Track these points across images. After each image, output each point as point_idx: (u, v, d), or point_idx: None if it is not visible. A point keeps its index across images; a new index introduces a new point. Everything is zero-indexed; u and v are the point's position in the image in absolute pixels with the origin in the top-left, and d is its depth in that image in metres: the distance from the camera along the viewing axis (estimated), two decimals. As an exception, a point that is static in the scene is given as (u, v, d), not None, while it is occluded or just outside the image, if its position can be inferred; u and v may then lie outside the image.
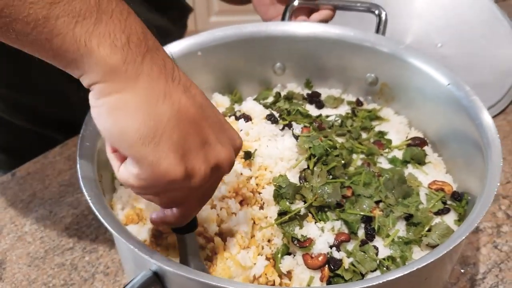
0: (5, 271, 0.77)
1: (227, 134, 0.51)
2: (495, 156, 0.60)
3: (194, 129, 0.47)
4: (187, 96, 0.47)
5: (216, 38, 0.79)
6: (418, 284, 0.56)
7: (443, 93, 0.72)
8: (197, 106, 0.48)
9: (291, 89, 0.86)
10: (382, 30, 0.82)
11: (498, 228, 0.82)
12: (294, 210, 0.63)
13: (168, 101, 0.46)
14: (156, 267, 0.52)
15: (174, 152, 0.46)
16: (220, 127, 0.50)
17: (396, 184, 0.67)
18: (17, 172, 0.92)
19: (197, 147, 0.48)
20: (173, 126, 0.46)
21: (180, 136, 0.46)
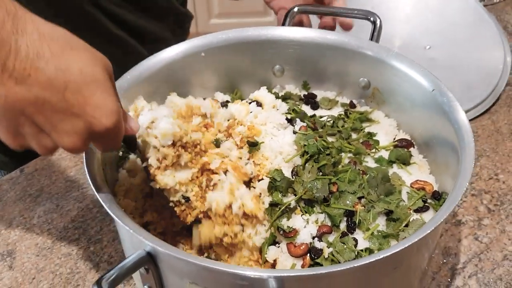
0: (15, 260, 0.82)
1: (74, 122, 0.52)
2: (468, 158, 0.64)
3: (23, 119, 0.51)
4: (19, 88, 0.49)
5: (219, 40, 0.85)
6: (387, 272, 0.60)
7: (428, 98, 0.76)
8: (29, 101, 0.49)
9: (289, 90, 0.91)
10: (376, 36, 0.86)
11: (480, 221, 0.86)
12: (286, 203, 0.68)
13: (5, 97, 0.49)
14: (149, 247, 0.57)
15: (7, 133, 0.53)
16: (63, 115, 0.51)
17: (379, 182, 0.72)
18: (25, 168, 0.98)
19: (29, 133, 0.53)
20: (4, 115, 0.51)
21: (9, 123, 0.51)
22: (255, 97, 0.83)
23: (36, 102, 0.50)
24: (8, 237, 0.86)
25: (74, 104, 0.51)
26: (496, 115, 1.06)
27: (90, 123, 0.53)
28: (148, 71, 0.79)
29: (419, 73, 0.78)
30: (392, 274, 0.61)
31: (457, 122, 0.70)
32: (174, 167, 0.65)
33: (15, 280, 0.79)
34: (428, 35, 1.12)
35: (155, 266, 0.59)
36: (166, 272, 0.60)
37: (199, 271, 0.56)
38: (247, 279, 0.54)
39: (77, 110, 0.52)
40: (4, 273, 0.80)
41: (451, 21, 1.14)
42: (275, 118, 0.77)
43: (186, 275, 0.58)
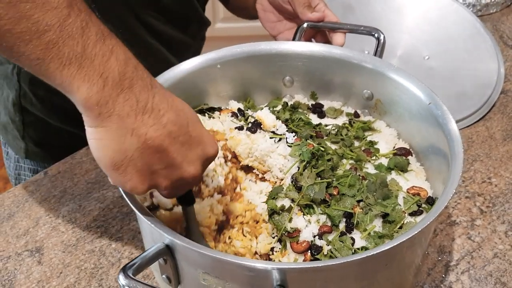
0: (43, 256, 0.88)
1: (197, 150, 0.61)
2: (457, 167, 0.70)
3: (159, 155, 0.58)
4: (156, 127, 0.56)
5: (234, 53, 0.91)
6: (380, 268, 0.66)
7: (425, 110, 0.82)
8: (165, 135, 0.57)
9: (298, 99, 0.97)
10: (380, 51, 0.92)
11: (473, 221, 0.93)
12: (280, 207, 0.75)
13: (134, 136, 0.55)
14: (168, 240, 0.63)
15: (138, 176, 0.58)
16: (189, 146, 0.60)
17: (378, 187, 0.77)
18: (49, 171, 1.04)
19: (161, 169, 0.59)
20: (137, 156, 0.56)
21: (144, 163, 0.57)
22: (258, 116, 0.88)
23: (170, 136, 0.58)
24: (36, 234, 0.92)
25: (194, 136, 0.61)
26: (490, 122, 1.13)
27: (205, 151, 0.62)
28: (169, 81, 0.86)
29: (417, 87, 0.84)
30: (385, 270, 0.67)
31: (449, 134, 0.76)
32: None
33: (44, 274, 0.85)
34: (427, 46, 1.18)
35: (172, 257, 0.65)
36: (182, 263, 0.66)
37: (211, 262, 0.63)
38: (253, 270, 0.60)
39: (197, 140, 0.61)
40: (34, 268, 0.86)
41: (449, 33, 1.20)
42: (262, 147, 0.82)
43: (199, 266, 0.64)
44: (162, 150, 0.58)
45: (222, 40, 0.96)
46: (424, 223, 0.63)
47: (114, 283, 0.84)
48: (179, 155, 0.59)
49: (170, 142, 0.58)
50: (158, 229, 0.62)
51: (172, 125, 0.57)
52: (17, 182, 1.24)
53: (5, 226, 0.94)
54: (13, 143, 1.18)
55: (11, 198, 0.99)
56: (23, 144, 1.16)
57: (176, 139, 0.58)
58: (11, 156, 1.22)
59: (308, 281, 0.63)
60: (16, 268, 0.87)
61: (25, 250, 0.89)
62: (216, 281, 0.64)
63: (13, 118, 1.13)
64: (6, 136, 1.19)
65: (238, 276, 0.63)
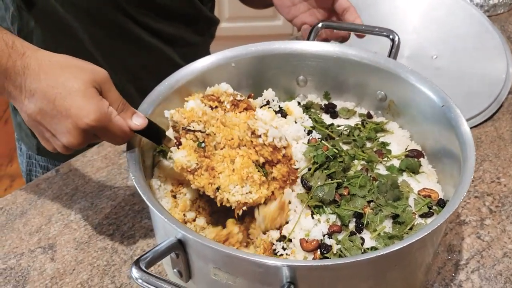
0: (56, 253, 0.89)
1: (66, 123, 0.68)
2: (469, 170, 0.71)
3: (40, 128, 0.70)
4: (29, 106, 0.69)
5: (248, 52, 0.92)
6: (388, 268, 0.67)
7: (438, 113, 0.82)
8: (37, 112, 0.68)
9: (311, 99, 0.97)
10: (395, 53, 0.93)
11: (482, 221, 0.93)
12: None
13: (22, 113, 0.71)
14: (181, 235, 0.65)
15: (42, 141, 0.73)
16: (58, 120, 0.68)
17: (389, 188, 0.78)
18: (60, 169, 1.05)
19: (49, 137, 0.71)
20: (32, 127, 0.72)
21: (37, 133, 0.72)
22: (286, 106, 0.90)
23: (40, 112, 0.69)
24: (48, 232, 0.93)
25: (62, 110, 0.68)
26: (498, 122, 1.13)
27: (75, 122, 0.68)
28: (184, 78, 0.87)
29: (431, 89, 0.84)
30: (394, 270, 0.67)
31: (462, 136, 0.76)
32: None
33: (57, 271, 0.86)
34: (435, 46, 1.19)
35: (184, 252, 0.67)
36: (193, 257, 0.67)
37: (222, 258, 0.64)
38: (263, 266, 0.61)
39: (65, 114, 0.68)
40: (47, 265, 0.87)
41: (456, 33, 1.21)
42: (293, 130, 0.84)
43: (211, 261, 0.65)
44: (39, 124, 0.70)
45: (227, 40, 0.96)
46: (434, 225, 0.64)
47: (126, 280, 0.84)
48: (52, 128, 0.70)
49: (42, 117, 0.69)
50: (171, 223, 0.64)
51: (40, 102, 0.68)
52: (28, 178, 1.27)
53: (18, 223, 0.94)
54: (26, 140, 1.22)
55: (23, 195, 1.00)
56: (35, 141, 1.19)
57: (46, 114, 0.68)
58: (23, 152, 1.26)
59: (317, 278, 0.63)
60: (30, 264, 0.87)
61: (38, 247, 0.90)
62: (226, 276, 0.65)
63: None
64: (20, 133, 1.24)
65: (249, 272, 0.64)
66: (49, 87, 0.68)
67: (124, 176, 1.03)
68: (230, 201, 0.72)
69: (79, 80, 0.68)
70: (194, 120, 0.75)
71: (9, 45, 0.69)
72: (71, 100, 0.67)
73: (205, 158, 0.73)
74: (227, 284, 0.65)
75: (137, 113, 0.74)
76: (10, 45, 0.69)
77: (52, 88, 0.68)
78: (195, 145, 0.73)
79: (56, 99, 0.67)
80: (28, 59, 0.69)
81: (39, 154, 1.22)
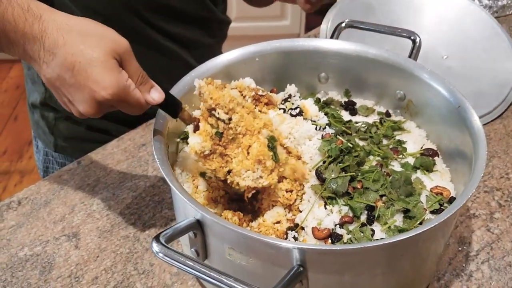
0: (79, 241, 0.92)
1: (83, 93, 0.68)
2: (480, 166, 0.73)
3: (58, 92, 0.71)
4: (48, 71, 0.68)
5: (272, 47, 0.95)
6: (394, 257, 0.69)
7: (454, 114, 0.84)
8: (55, 77, 0.68)
9: (331, 96, 1.00)
10: (415, 54, 0.95)
11: (491, 214, 0.96)
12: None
13: (42, 77, 0.70)
14: (200, 215, 0.68)
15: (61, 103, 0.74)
16: (76, 88, 0.68)
17: (402, 184, 0.80)
18: (82, 161, 1.07)
19: (66, 102, 0.72)
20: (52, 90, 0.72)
21: (57, 96, 0.73)
22: (302, 104, 0.92)
23: (59, 78, 0.68)
24: (72, 221, 0.96)
25: (80, 79, 0.67)
26: (507, 120, 1.16)
27: (92, 94, 0.68)
28: (210, 70, 0.91)
29: (448, 90, 0.86)
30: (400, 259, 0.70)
31: (475, 135, 0.79)
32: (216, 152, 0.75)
33: (82, 258, 0.89)
34: (445, 46, 1.21)
35: (202, 232, 0.70)
36: (210, 237, 0.71)
37: (237, 238, 0.67)
38: (276, 248, 0.64)
39: (83, 84, 0.68)
40: (72, 252, 0.90)
41: (466, 34, 1.23)
42: (304, 130, 0.86)
43: (226, 241, 0.68)
44: (57, 89, 0.70)
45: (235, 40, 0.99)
46: (441, 218, 0.66)
47: (148, 267, 0.88)
48: (69, 95, 0.70)
49: (60, 83, 0.69)
50: (191, 204, 0.67)
51: (59, 69, 0.67)
52: (45, 174, 1.30)
53: (42, 212, 0.97)
54: (44, 138, 1.25)
55: (47, 186, 1.03)
56: (52, 138, 1.23)
57: (64, 81, 0.68)
58: (40, 149, 1.28)
59: (326, 263, 0.66)
60: (55, 251, 0.90)
61: (62, 235, 0.94)
62: (240, 256, 0.68)
63: (43, 115, 1.22)
64: (37, 131, 1.26)
65: (261, 253, 0.67)
66: (68, 54, 0.66)
67: (143, 169, 1.06)
68: (240, 185, 0.74)
69: (99, 50, 0.67)
70: (219, 104, 0.75)
71: (25, 9, 0.67)
72: (90, 70, 0.67)
73: (219, 146, 0.74)
74: (241, 264, 0.68)
75: (155, 87, 0.74)
76: (26, 8, 0.67)
77: (71, 55, 0.66)
78: (213, 132, 0.74)
79: (75, 68, 0.67)
80: (45, 23, 0.67)
81: (56, 151, 1.24)
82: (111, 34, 0.70)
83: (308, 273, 0.65)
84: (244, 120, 0.75)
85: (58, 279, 0.86)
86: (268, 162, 0.75)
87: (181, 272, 0.87)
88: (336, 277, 0.68)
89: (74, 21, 0.69)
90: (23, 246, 0.91)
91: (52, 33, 0.67)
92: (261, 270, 0.68)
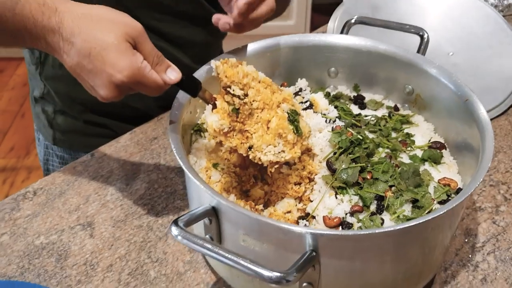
0: (94, 230, 0.93)
1: (101, 77, 0.71)
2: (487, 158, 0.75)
3: (80, 78, 0.74)
4: (69, 59, 0.72)
5: (284, 42, 0.97)
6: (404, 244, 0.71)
7: (462, 107, 0.86)
8: (75, 64, 0.72)
9: (340, 90, 1.02)
10: (423, 49, 0.97)
11: (497, 208, 0.98)
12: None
13: (64, 65, 0.73)
14: (215, 202, 0.70)
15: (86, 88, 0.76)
16: (95, 74, 0.71)
17: (410, 175, 0.82)
18: (95, 153, 1.09)
19: (89, 87, 0.75)
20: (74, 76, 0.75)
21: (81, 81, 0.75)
22: (312, 98, 0.95)
23: (79, 65, 0.72)
24: (86, 210, 0.97)
25: (98, 64, 0.70)
26: (512, 116, 1.19)
27: (110, 78, 0.71)
28: None
29: (455, 84, 0.88)
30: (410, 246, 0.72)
31: (482, 126, 0.80)
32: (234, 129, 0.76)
33: (96, 246, 0.91)
34: (451, 43, 1.23)
35: (217, 218, 0.72)
36: (225, 224, 0.72)
37: (252, 224, 0.69)
38: (289, 233, 0.66)
39: (100, 69, 0.70)
40: (87, 240, 0.92)
41: (472, 31, 1.25)
42: (314, 122, 0.89)
43: (241, 227, 0.70)
44: (79, 76, 0.73)
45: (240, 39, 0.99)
46: (450, 206, 0.68)
47: (162, 255, 0.90)
48: (90, 80, 0.73)
49: (81, 70, 0.72)
50: (208, 191, 0.69)
51: (77, 57, 0.71)
52: (46, 166, 1.32)
53: (57, 202, 0.99)
54: (44, 130, 1.28)
55: (61, 177, 1.05)
56: (52, 131, 1.25)
57: (84, 68, 0.71)
58: (41, 142, 1.31)
59: (337, 249, 0.68)
60: (70, 240, 0.92)
61: (77, 224, 0.96)
62: (254, 242, 0.70)
63: (43, 109, 1.25)
64: (38, 124, 1.29)
65: (275, 239, 0.69)
66: (84, 42, 0.70)
67: (156, 161, 1.08)
68: (262, 160, 0.76)
69: (113, 34, 0.70)
70: (234, 81, 0.76)
71: (41, 3, 0.70)
72: (105, 55, 0.69)
73: (237, 122, 0.76)
74: (254, 250, 0.70)
75: (172, 67, 0.76)
76: (42, 3, 0.70)
77: (87, 42, 0.70)
78: (229, 109, 0.75)
79: (91, 54, 0.70)
80: (61, 14, 0.70)
81: (55, 145, 1.26)
82: (124, 18, 0.73)
83: (321, 258, 0.67)
84: (260, 94, 0.76)
85: (74, 266, 0.88)
86: (289, 136, 0.76)
87: (194, 261, 0.89)
88: (347, 262, 0.70)
89: (87, 9, 0.72)
90: (39, 234, 0.93)
91: (68, 24, 0.70)
92: (274, 256, 0.70)
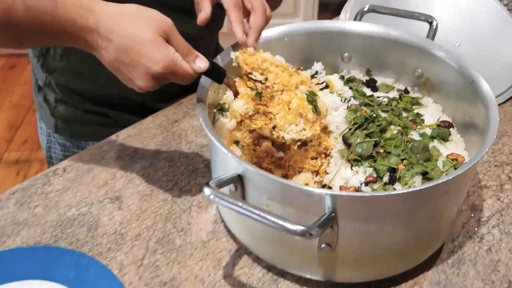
0: (122, 203, 0.98)
1: (139, 70, 0.77)
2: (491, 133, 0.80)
3: (118, 72, 0.80)
4: (107, 55, 0.78)
5: (300, 28, 1.03)
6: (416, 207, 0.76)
7: (468, 89, 0.91)
8: (113, 60, 0.78)
9: (353, 74, 1.08)
10: (432, 35, 1.03)
11: (501, 186, 1.05)
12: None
13: (102, 61, 0.80)
14: (242, 169, 0.76)
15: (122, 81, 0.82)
16: (132, 67, 0.77)
17: (420, 150, 0.87)
18: (120, 134, 1.15)
19: (127, 80, 0.80)
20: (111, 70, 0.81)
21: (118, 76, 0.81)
22: (328, 79, 1.00)
23: (116, 60, 0.78)
24: (114, 186, 1.02)
25: (135, 58, 0.76)
26: (517, 102, 1.25)
27: (147, 70, 0.77)
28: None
29: (462, 67, 0.94)
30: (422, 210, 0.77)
31: (488, 109, 0.85)
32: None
33: (125, 218, 0.97)
34: (458, 35, 1.30)
35: (242, 185, 0.78)
36: (249, 190, 0.78)
37: (276, 189, 0.74)
38: (310, 195, 0.72)
39: (138, 62, 0.77)
40: (115, 212, 0.98)
41: (478, 23, 1.32)
42: (330, 101, 0.95)
43: (265, 192, 0.76)
44: (117, 70, 0.79)
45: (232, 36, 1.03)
46: (458, 172, 0.74)
47: (186, 226, 0.96)
48: (128, 73, 0.79)
49: (119, 64, 0.78)
50: (235, 158, 0.75)
51: (115, 53, 0.77)
52: (48, 154, 1.38)
53: (86, 178, 1.06)
54: (46, 119, 1.33)
55: (89, 156, 1.11)
56: (53, 120, 1.31)
57: (122, 62, 0.77)
58: (44, 130, 1.36)
59: (355, 210, 0.74)
60: (100, 212, 0.98)
61: (106, 198, 1.01)
62: (277, 206, 0.76)
63: (45, 98, 1.31)
64: (40, 112, 1.35)
65: (296, 201, 0.74)
66: (122, 38, 0.76)
67: (177, 142, 1.14)
68: (285, 139, 0.83)
69: (148, 30, 0.76)
70: (254, 67, 0.83)
71: (77, 5, 0.77)
72: (141, 49, 0.76)
73: (261, 105, 0.83)
74: (276, 214, 0.74)
75: (200, 56, 0.82)
76: (78, 5, 0.77)
77: (124, 38, 0.76)
78: (253, 94, 0.82)
79: (129, 49, 0.76)
80: (98, 14, 0.76)
81: (56, 133, 1.32)
82: (156, 15, 0.79)
83: (338, 220, 0.73)
84: (279, 77, 0.82)
85: (104, 235, 0.94)
86: (309, 115, 0.83)
87: (216, 231, 0.95)
88: (363, 224, 0.75)
89: (120, 8, 0.78)
90: (70, 207, 0.99)
91: (105, 22, 0.76)
92: (296, 219, 0.74)
